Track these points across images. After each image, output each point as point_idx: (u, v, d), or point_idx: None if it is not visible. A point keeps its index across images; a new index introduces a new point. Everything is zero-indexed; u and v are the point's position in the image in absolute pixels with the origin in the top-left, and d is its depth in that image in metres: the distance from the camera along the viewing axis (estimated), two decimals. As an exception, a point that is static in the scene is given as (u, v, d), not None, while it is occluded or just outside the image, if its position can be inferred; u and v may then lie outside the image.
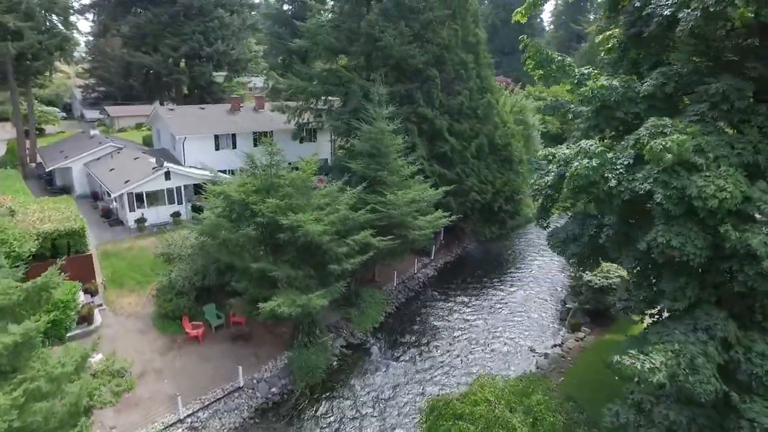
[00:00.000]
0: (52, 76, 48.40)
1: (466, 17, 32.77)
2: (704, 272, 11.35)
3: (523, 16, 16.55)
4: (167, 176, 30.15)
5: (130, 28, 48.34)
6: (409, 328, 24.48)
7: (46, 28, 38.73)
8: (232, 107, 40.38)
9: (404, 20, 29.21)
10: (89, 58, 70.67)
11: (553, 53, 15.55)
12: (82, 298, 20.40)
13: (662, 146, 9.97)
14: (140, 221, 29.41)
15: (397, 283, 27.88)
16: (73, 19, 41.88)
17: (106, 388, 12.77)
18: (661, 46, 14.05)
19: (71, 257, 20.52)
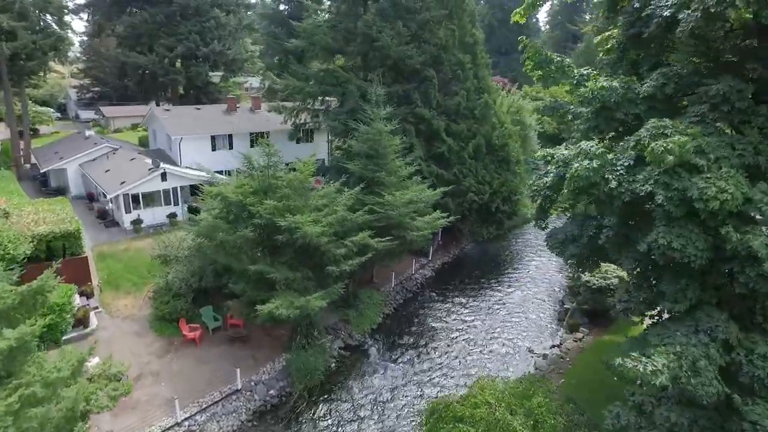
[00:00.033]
0: (46, 76, 47.99)
1: (463, 17, 32.74)
2: (705, 274, 11.32)
3: (522, 16, 16.51)
4: (163, 177, 29.96)
5: (125, 28, 48.00)
6: (407, 329, 24.41)
7: (40, 27, 38.36)
8: (228, 108, 40.20)
9: (401, 20, 29.15)
10: (84, 58, 70.20)
11: (552, 54, 15.51)
12: (77, 300, 20.23)
13: (664, 148, 9.94)
14: (136, 222, 29.22)
15: (395, 284, 27.82)
16: (67, 18, 41.46)
17: (102, 392, 12.63)
18: (660, 46, 14.04)
19: (67, 259, 20.35)
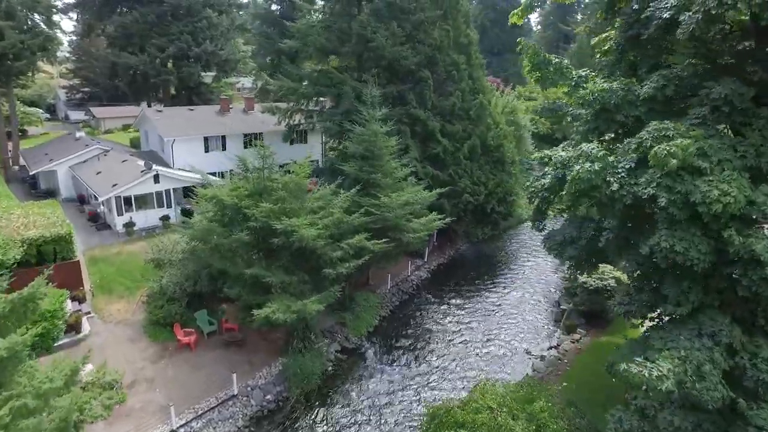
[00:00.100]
0: (34, 76, 47.31)
1: (457, 18, 32.65)
2: (707, 277, 11.28)
3: (519, 18, 16.42)
4: (156, 179, 29.58)
5: (115, 27, 47.40)
6: (403, 331, 24.27)
7: (28, 27, 37.80)
8: (221, 108, 39.86)
9: (396, 21, 28.99)
10: (73, 58, 69.33)
11: (550, 55, 15.43)
12: (69, 306, 19.87)
13: (667, 151, 9.87)
14: (129, 225, 28.82)
15: (390, 285, 27.66)
16: (56, 18, 40.92)
17: (96, 401, 12.38)
18: (659, 48, 13.99)
19: (58, 264, 19.97)
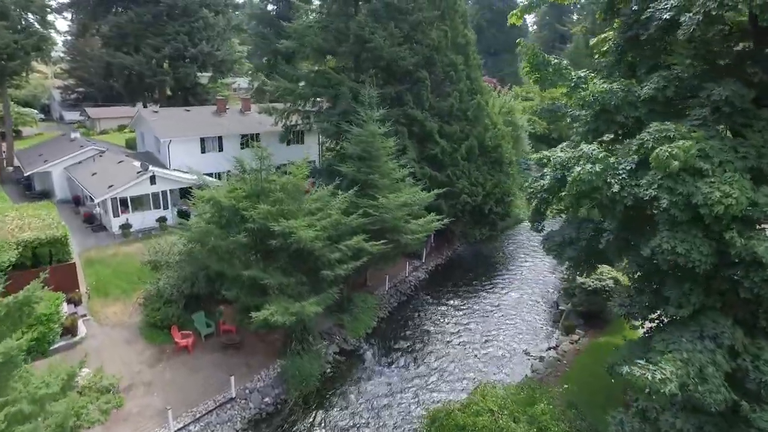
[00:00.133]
0: (28, 76, 46.99)
1: (455, 18, 32.62)
2: (709, 278, 11.25)
3: (518, 18, 16.38)
4: (152, 180, 29.40)
5: (110, 27, 47.21)
6: (402, 333, 24.19)
7: (22, 27, 37.53)
8: (217, 109, 39.71)
9: (393, 21, 28.92)
10: (68, 58, 68.97)
11: (549, 56, 15.39)
12: (65, 308, 19.68)
13: (669, 153, 9.83)
14: (125, 227, 28.62)
15: (389, 287, 27.58)
16: (50, 18, 40.65)
17: (93, 406, 12.19)
18: (658, 49, 13.96)
19: (53, 266, 19.79)
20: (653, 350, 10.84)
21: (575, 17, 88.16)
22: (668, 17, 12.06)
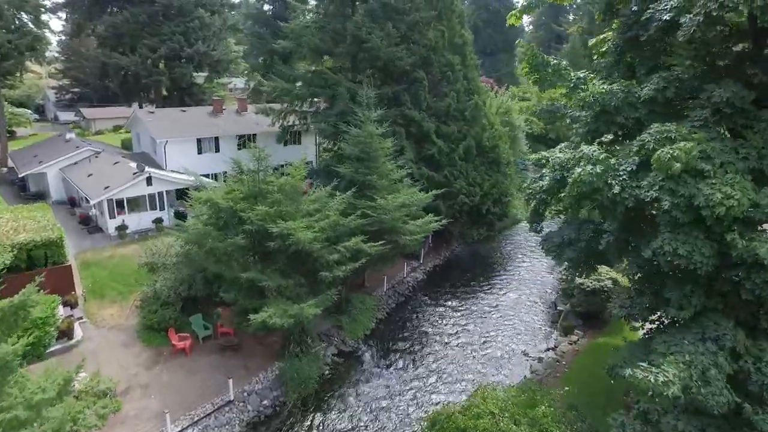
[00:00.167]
0: (22, 76, 46.73)
1: (452, 18, 32.57)
2: (711, 280, 11.23)
3: (518, 18, 16.33)
4: (149, 181, 29.21)
5: (105, 27, 46.94)
6: (400, 334, 24.11)
7: (15, 26, 37.29)
8: (214, 110, 39.51)
9: (391, 21, 28.85)
10: (62, 58, 68.52)
11: (549, 57, 15.35)
12: (61, 311, 19.50)
13: (671, 155, 9.80)
14: (121, 228, 28.43)
15: (387, 288, 27.49)
16: (44, 17, 40.47)
17: (90, 410, 12.10)
18: (658, 50, 13.93)
19: (49, 269, 19.60)
20: (655, 352, 10.81)
21: (571, 17, 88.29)
22: (668, 18, 12.03)
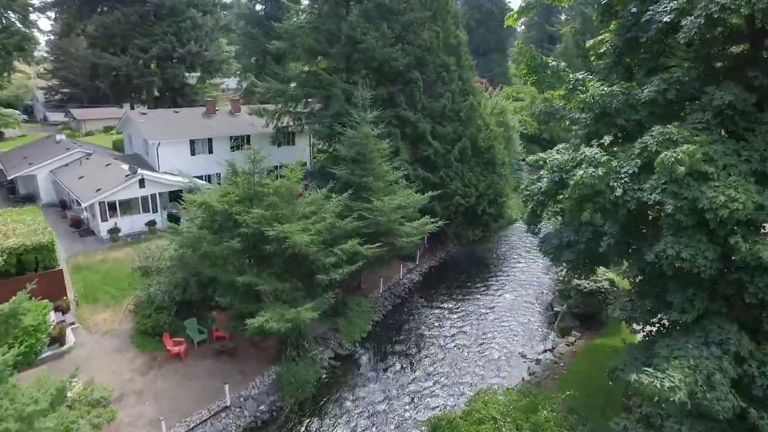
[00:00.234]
0: (10, 76, 46.03)
1: (446, 19, 32.43)
2: (714, 283, 11.18)
3: (515, 20, 16.22)
4: (141, 183, 28.81)
5: (96, 27, 46.36)
6: (397, 336, 23.95)
7: (3, 26, 36.73)
8: (207, 110, 39.11)
9: (385, 22, 28.68)
10: (51, 58, 67.63)
11: (547, 58, 15.25)
12: (52, 316, 19.14)
13: (674, 159, 9.72)
14: (113, 231, 28.01)
15: (383, 290, 27.32)
16: (33, 17, 39.93)
17: (84, 420, 11.80)
18: (657, 52, 13.88)
19: (40, 273, 19.23)
20: (658, 356, 10.74)
21: (563, 17, 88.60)
22: (668, 20, 11.98)
